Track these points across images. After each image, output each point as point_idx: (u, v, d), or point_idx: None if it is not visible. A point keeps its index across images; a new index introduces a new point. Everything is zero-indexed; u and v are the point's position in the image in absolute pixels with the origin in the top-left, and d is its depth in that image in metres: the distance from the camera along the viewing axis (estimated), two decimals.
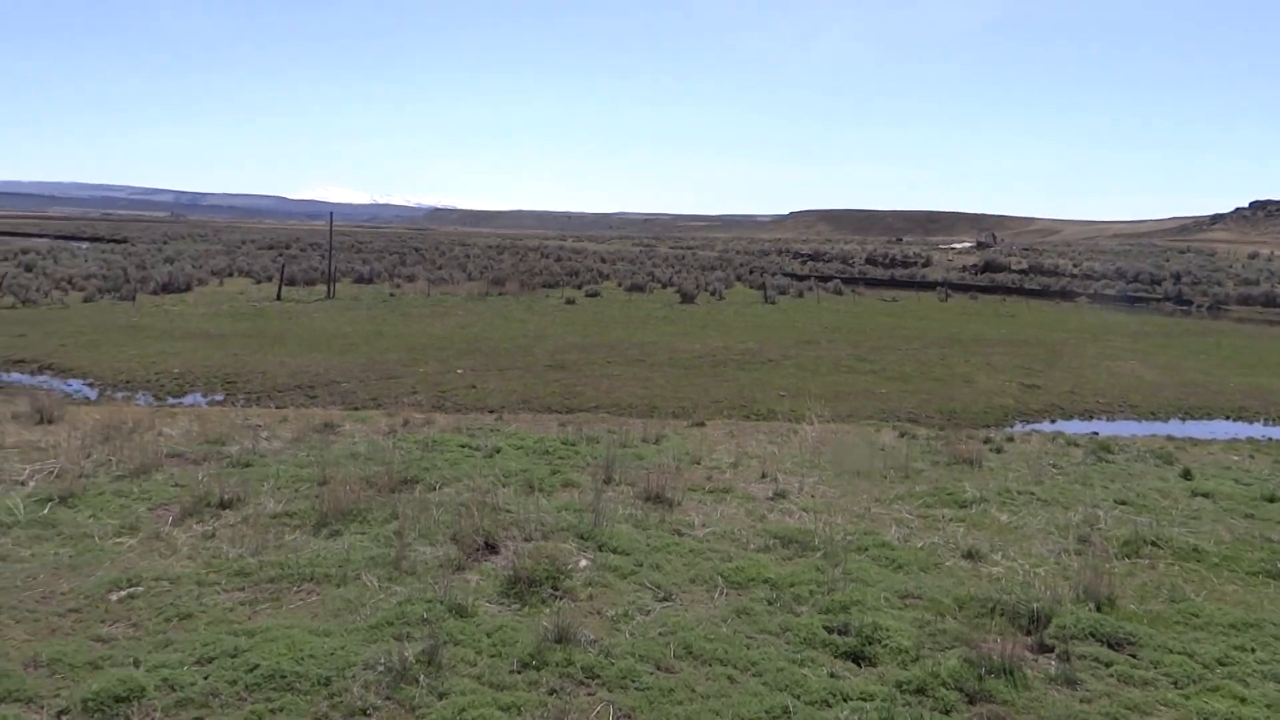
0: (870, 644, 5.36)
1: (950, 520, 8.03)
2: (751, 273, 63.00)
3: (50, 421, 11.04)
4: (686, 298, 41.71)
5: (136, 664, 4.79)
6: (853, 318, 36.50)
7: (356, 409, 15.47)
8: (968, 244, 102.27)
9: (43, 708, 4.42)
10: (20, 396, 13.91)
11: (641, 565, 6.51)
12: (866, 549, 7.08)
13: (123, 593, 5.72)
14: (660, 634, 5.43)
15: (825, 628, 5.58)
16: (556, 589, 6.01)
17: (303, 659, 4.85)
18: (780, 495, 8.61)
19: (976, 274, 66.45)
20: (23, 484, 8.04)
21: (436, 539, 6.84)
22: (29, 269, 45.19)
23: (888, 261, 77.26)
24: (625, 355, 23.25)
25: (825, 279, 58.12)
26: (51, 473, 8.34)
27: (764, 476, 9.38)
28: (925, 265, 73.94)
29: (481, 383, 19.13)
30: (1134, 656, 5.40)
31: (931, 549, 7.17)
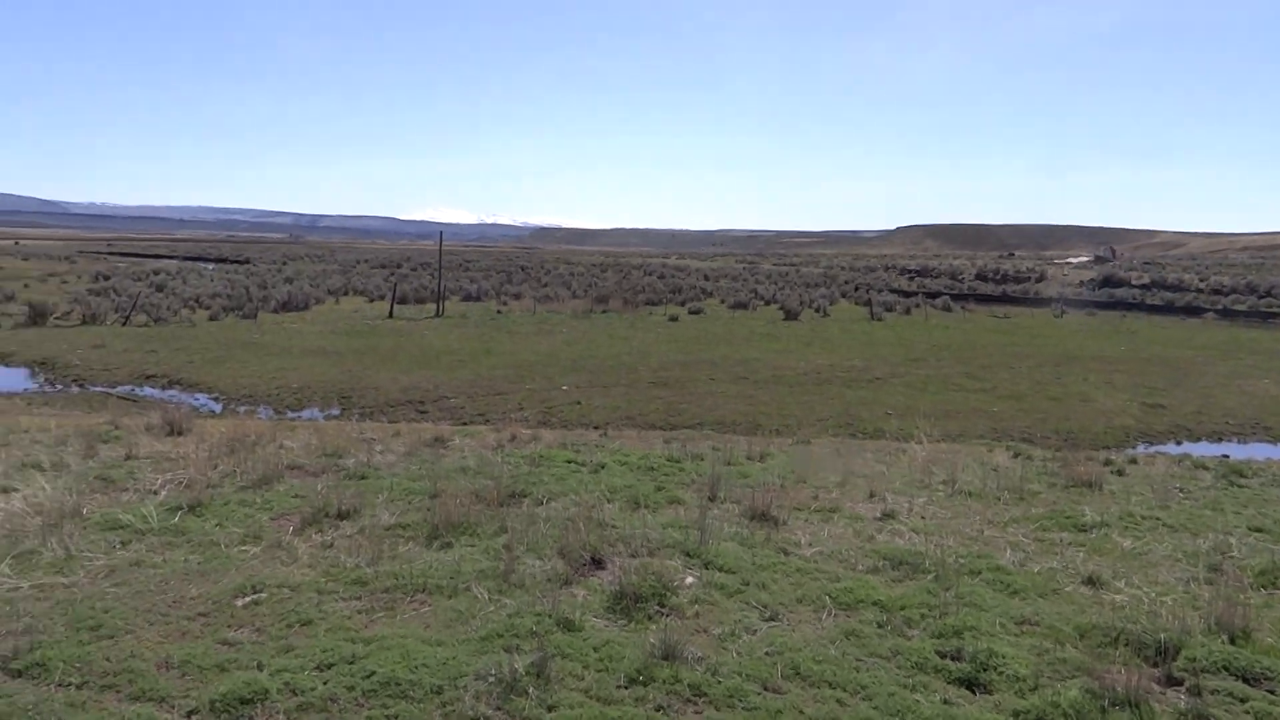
0: (985, 671, 5.21)
1: (1069, 545, 7.75)
2: (857, 289, 62.16)
3: (180, 434, 11.59)
4: (790, 315, 41.39)
5: (260, 667, 4.99)
6: (962, 335, 35.65)
7: (465, 424, 15.81)
8: (1084, 258, 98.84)
9: (174, 707, 4.63)
10: (152, 410, 14.66)
11: (748, 584, 6.47)
12: (980, 572, 6.88)
13: (247, 599, 5.96)
14: (767, 654, 5.38)
15: (938, 652, 5.45)
16: (663, 606, 6.01)
17: (416, 668, 4.97)
18: (889, 515, 8.44)
19: (1094, 289, 64.15)
20: (155, 493, 8.46)
21: (544, 553, 6.93)
22: (160, 289, 47.69)
23: (999, 277, 75.21)
24: (729, 372, 23.19)
25: (933, 295, 56.94)
26: (181, 482, 8.75)
27: (872, 496, 9.22)
28: (1039, 281, 71.74)
29: (586, 399, 19.33)
30: (1272, 693, 5.11)
31: (1049, 574, 6.93)
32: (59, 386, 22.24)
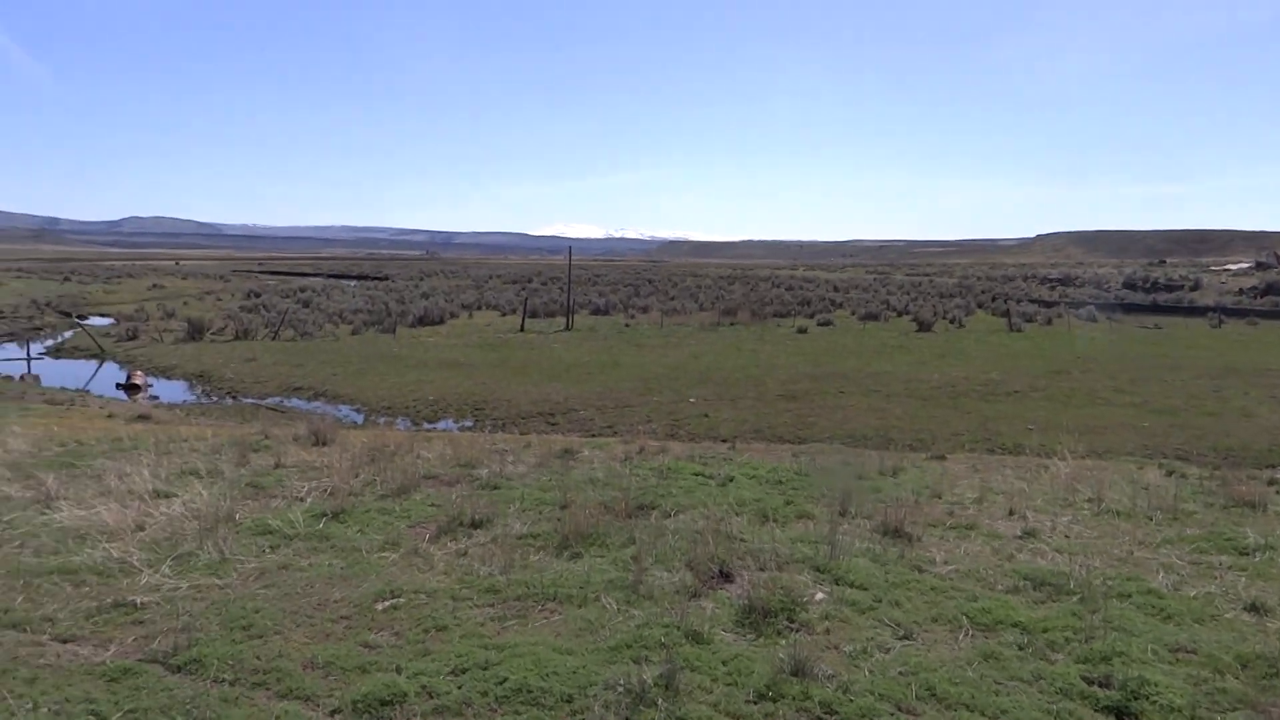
0: (1136, 699, 4.93)
1: (1229, 568, 7.27)
2: (994, 299, 60.12)
3: (324, 444, 12.10)
4: (923, 326, 40.37)
5: (399, 670, 5.14)
6: (1109, 346, 34.04)
7: (594, 436, 15.98)
8: (1245, 264, 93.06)
9: (318, 706, 4.82)
10: (299, 421, 15.37)
11: (880, 601, 6.31)
12: (1129, 595, 6.52)
13: (387, 603, 6.16)
14: (901, 673, 5.23)
15: (1084, 678, 5.18)
16: (792, 621, 5.92)
17: (547, 675, 5.04)
18: (1030, 534, 8.10)
19: (1256, 297, 60.34)
20: (302, 500, 8.85)
21: (672, 565, 6.93)
22: (306, 305, 50.04)
23: (1149, 285, 71.57)
24: (859, 385, 22.76)
25: (1077, 305, 54.58)
26: (326, 490, 9.14)
27: (1011, 514, 8.87)
28: (1194, 289, 67.98)
29: (714, 412, 19.28)
30: None
31: (1207, 599, 6.51)
32: (214, 398, 23.57)
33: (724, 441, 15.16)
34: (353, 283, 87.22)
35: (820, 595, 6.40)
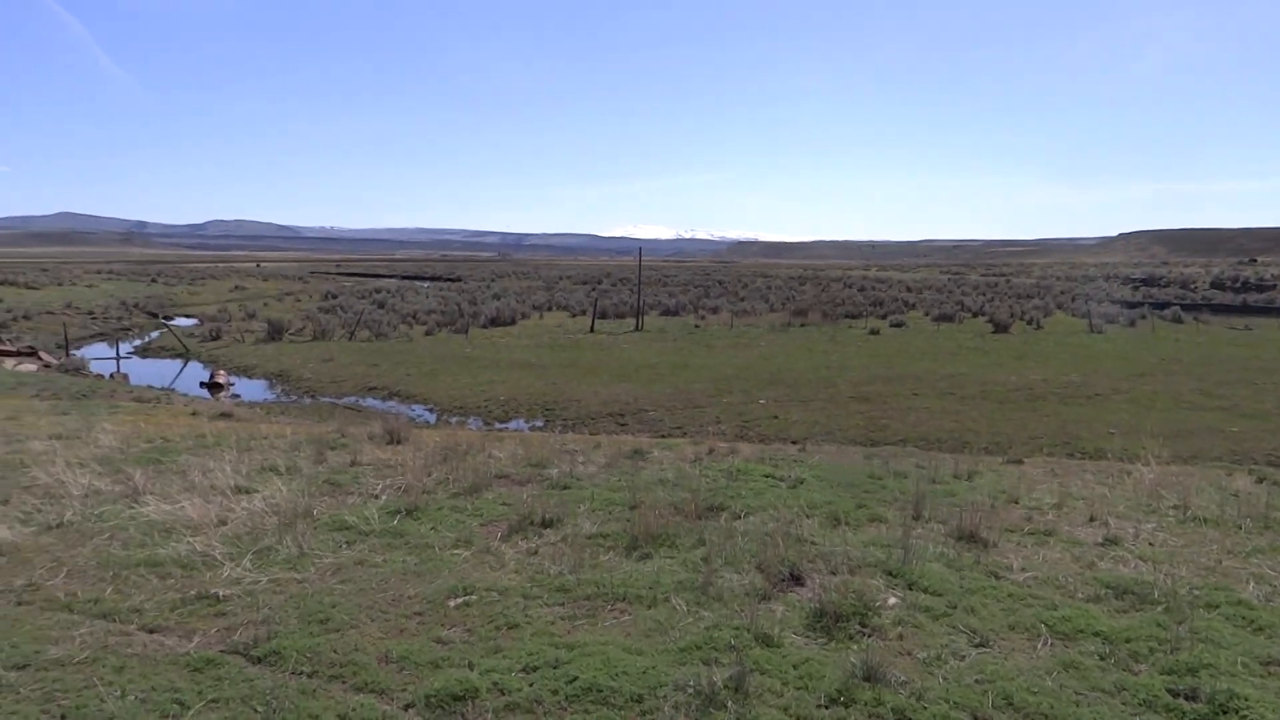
0: (1225, 714, 4.76)
1: None
2: (1074, 300, 58.63)
3: (399, 442, 12.30)
4: (1000, 327, 39.54)
5: (471, 666, 5.20)
6: (1196, 348, 32.94)
7: (664, 436, 15.98)
8: None
9: (393, 699, 4.90)
10: (374, 420, 15.65)
11: (955, 607, 6.19)
12: (1218, 606, 6.30)
13: (459, 600, 6.24)
14: (977, 681, 5.13)
15: (1169, 690, 5.02)
16: (864, 625, 5.84)
17: (617, 675, 5.05)
18: (1112, 541, 7.88)
19: None
20: (377, 497, 9.01)
21: (742, 567, 6.89)
22: (381, 306, 50.97)
23: (1238, 285, 69.13)
24: (933, 387, 22.38)
25: (1161, 306, 52.95)
26: (400, 488, 9.29)
27: (1092, 520, 8.63)
28: None
29: (784, 413, 19.13)
30: None
31: None
32: (293, 397, 24.13)
33: (794, 443, 15.04)
34: (426, 284, 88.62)
35: (893, 600, 6.30)
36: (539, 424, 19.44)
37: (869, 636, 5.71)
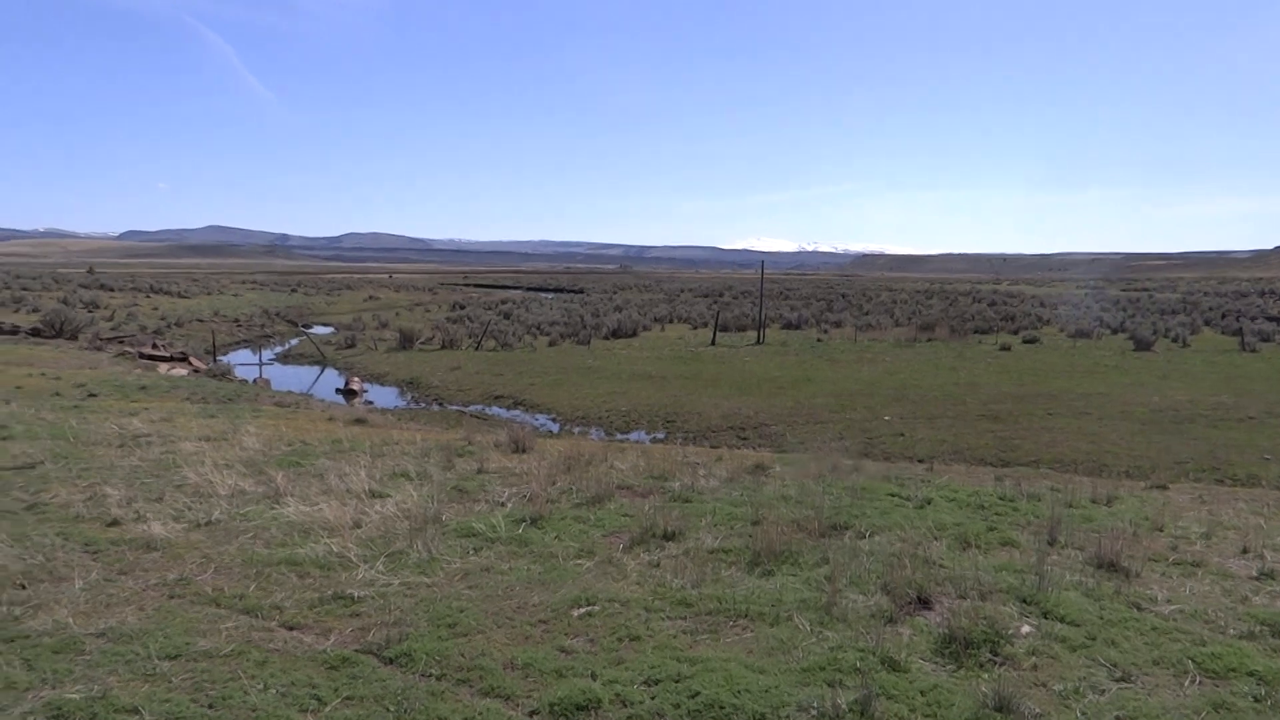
0: None
1: None
2: (1224, 317, 55.45)
3: (523, 451, 12.53)
4: (1141, 345, 37.71)
5: (594, 676, 5.25)
6: None
7: (785, 452, 15.82)
8: None
9: (518, 705, 4.98)
10: (500, 428, 15.97)
11: (1094, 639, 5.91)
12: None
13: (582, 610, 6.31)
14: (1117, 718, 4.89)
15: None
16: (996, 654, 5.64)
17: (739, 693, 5.01)
18: (1268, 575, 7.40)
19: None
20: (503, 505, 9.20)
21: (867, 588, 6.76)
22: (507, 317, 52.11)
23: None
24: (1069, 407, 21.49)
25: None
26: (525, 496, 9.46)
27: (1245, 551, 8.13)
28: None
29: (910, 431, 18.69)
30: None
31: None
32: (422, 404, 24.88)
33: (921, 462, 14.68)
34: (550, 295, 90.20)
35: (1027, 629, 6.07)
36: (659, 436, 19.50)
37: (1001, 666, 5.51)
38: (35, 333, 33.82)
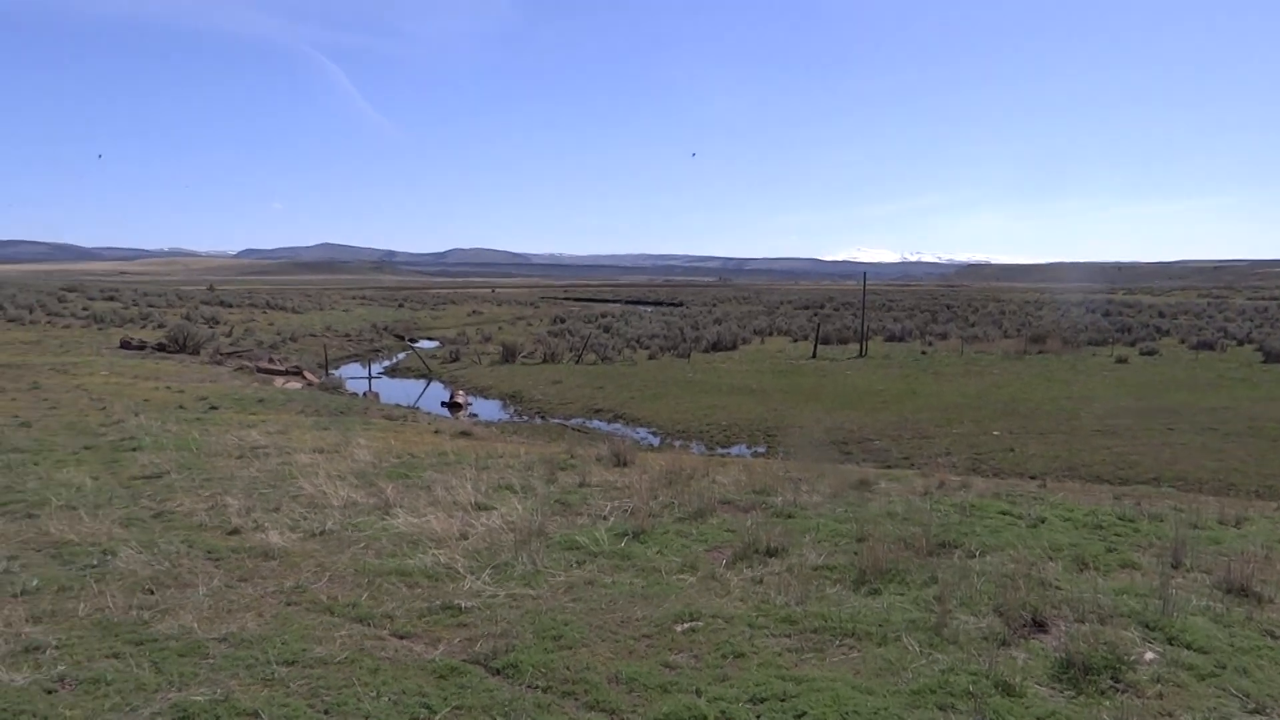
0: None
1: None
2: None
3: (625, 464, 12.59)
4: (1271, 356, 35.84)
5: (698, 693, 5.22)
6: None
7: (889, 467, 15.52)
8: None
9: None
10: (601, 441, 16.10)
11: (1224, 668, 5.62)
12: None
13: (686, 625, 6.29)
14: None
15: None
16: (1117, 681, 5.41)
17: (847, 714, 4.92)
18: None
19: None
20: (605, 518, 9.25)
21: (979, 609, 6.56)
22: (606, 330, 52.53)
23: None
24: (1191, 422, 20.54)
25: None
26: (627, 510, 9.50)
27: None
28: None
29: (1020, 446, 18.14)
30: None
31: None
32: (525, 417, 25.26)
33: (1033, 479, 14.23)
34: (649, 309, 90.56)
35: (1150, 655, 5.81)
36: (760, 450, 19.37)
37: (1123, 693, 5.28)
38: (161, 348, 35.53)
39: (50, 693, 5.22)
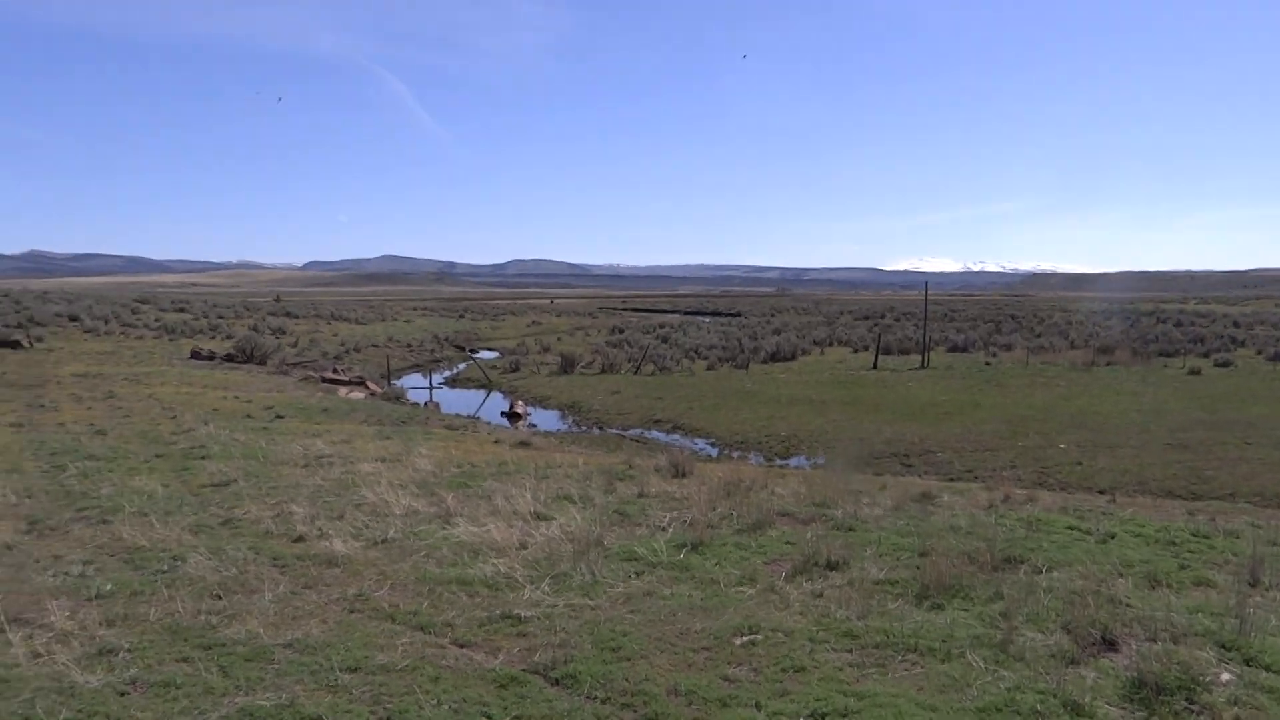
0: None
1: None
2: None
3: (683, 475, 12.56)
4: None
5: (758, 707, 5.17)
6: None
7: (952, 480, 15.28)
8: None
9: None
10: (659, 452, 16.11)
11: None
12: None
13: (745, 638, 6.24)
14: None
15: None
16: (1191, 702, 5.24)
17: None
18: None
19: None
20: (664, 529, 9.23)
21: (1046, 626, 6.41)
22: (665, 341, 52.53)
23: None
24: (1269, 435, 19.88)
25: None
26: (685, 521, 9.47)
27: None
28: None
29: (1088, 460, 17.72)
30: None
31: None
32: (583, 428, 25.34)
33: (1101, 493, 13.89)
34: (707, 319, 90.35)
35: (1226, 676, 5.62)
36: (820, 461, 19.18)
37: (1198, 715, 5.12)
38: (229, 358, 36.36)
39: (123, 695, 5.35)
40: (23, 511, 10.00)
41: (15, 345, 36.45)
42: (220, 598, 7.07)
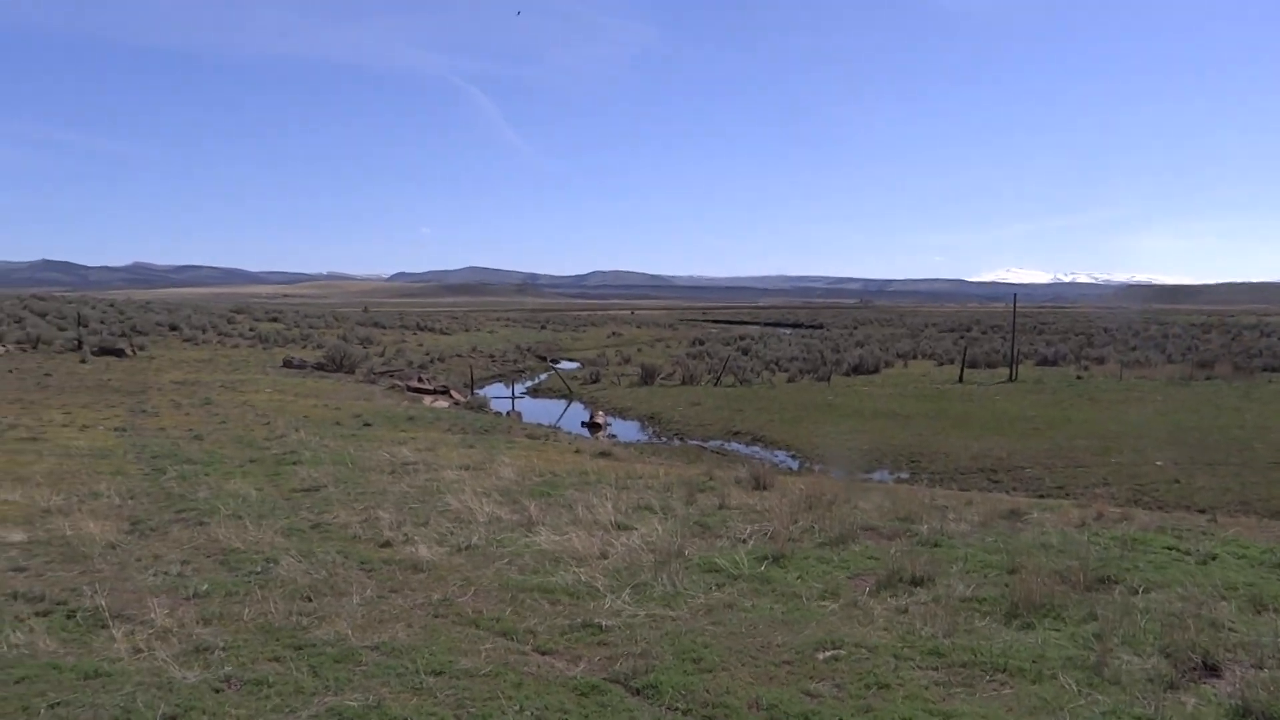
0: None
1: None
2: None
3: (764, 488, 12.46)
4: None
5: None
6: None
7: (1042, 496, 14.88)
8: None
9: None
10: (739, 464, 16.00)
11: None
12: None
13: (827, 653, 6.16)
14: None
15: None
16: None
17: None
18: None
19: None
20: (744, 541, 9.17)
21: (1142, 649, 6.19)
22: (745, 353, 52.32)
23: None
24: None
25: None
26: (766, 534, 9.39)
27: None
28: None
29: (1186, 478, 17.08)
30: None
31: None
32: (663, 439, 25.37)
33: (1201, 512, 13.35)
34: (788, 331, 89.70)
35: None
36: (904, 476, 18.88)
37: None
38: (319, 367, 37.37)
39: (217, 691, 5.53)
40: (126, 512, 10.41)
41: (120, 353, 38.09)
42: (310, 600, 7.25)
